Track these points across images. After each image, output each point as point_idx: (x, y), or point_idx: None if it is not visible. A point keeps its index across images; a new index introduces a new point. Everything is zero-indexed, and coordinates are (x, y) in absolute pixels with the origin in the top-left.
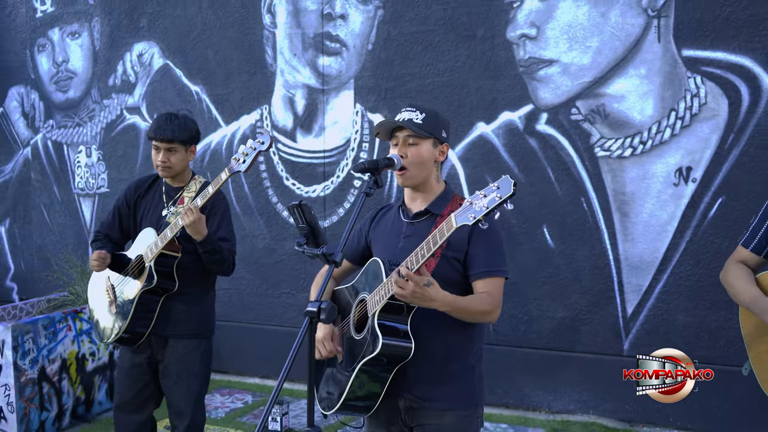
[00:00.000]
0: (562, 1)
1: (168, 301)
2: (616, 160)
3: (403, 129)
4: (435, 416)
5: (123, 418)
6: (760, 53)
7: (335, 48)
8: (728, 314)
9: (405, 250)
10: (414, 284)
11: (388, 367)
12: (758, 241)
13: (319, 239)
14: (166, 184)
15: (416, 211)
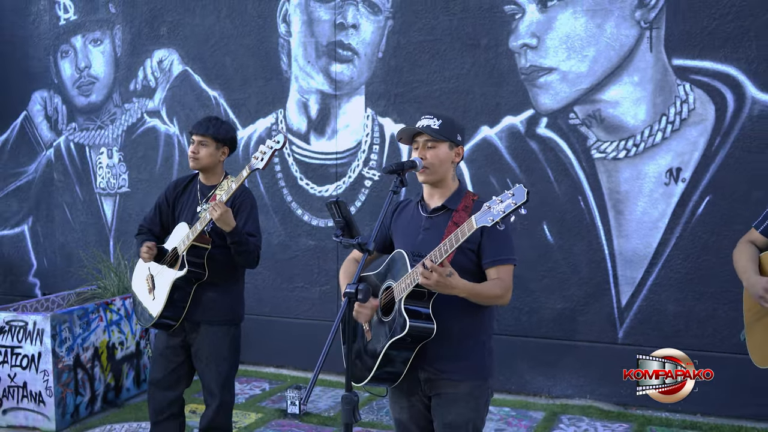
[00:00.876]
0: (560, 13)
1: (200, 289)
2: (611, 161)
3: (422, 134)
4: (451, 386)
5: (157, 393)
6: (744, 63)
7: (347, 56)
8: (715, 304)
9: (424, 241)
10: (438, 275)
11: (412, 345)
12: (765, 225)
13: (353, 231)
14: (200, 183)
15: (434, 207)
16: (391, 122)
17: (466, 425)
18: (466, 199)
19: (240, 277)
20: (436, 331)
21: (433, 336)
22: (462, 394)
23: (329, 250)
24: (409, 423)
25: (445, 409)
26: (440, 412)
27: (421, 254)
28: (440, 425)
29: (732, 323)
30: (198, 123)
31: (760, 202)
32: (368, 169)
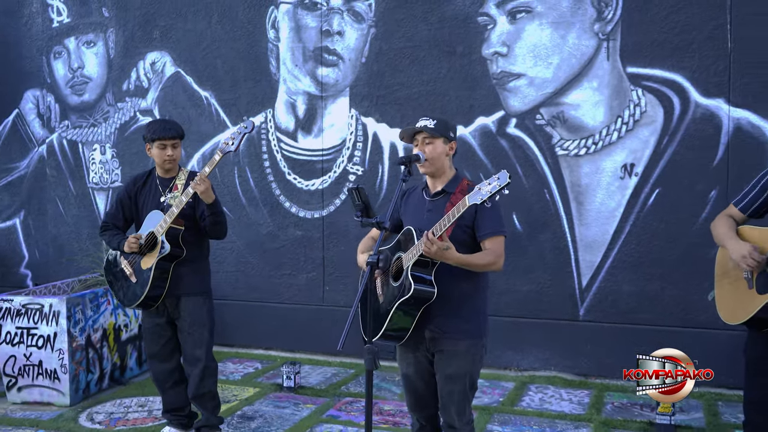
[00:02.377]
0: (528, 24)
1: (176, 267)
2: (573, 157)
3: (421, 132)
4: (452, 344)
5: (156, 365)
6: (688, 71)
7: (333, 60)
8: (663, 284)
9: (429, 220)
10: (437, 247)
11: (417, 306)
12: (746, 203)
13: (371, 212)
14: (158, 177)
15: (435, 191)
16: (374, 122)
17: (464, 377)
18: (462, 184)
19: (207, 254)
20: (438, 296)
21: (434, 299)
22: (461, 351)
23: (315, 239)
24: (415, 376)
25: (447, 363)
26: (442, 365)
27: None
28: (442, 377)
29: (678, 300)
30: (164, 128)
31: (702, 193)
32: (352, 165)
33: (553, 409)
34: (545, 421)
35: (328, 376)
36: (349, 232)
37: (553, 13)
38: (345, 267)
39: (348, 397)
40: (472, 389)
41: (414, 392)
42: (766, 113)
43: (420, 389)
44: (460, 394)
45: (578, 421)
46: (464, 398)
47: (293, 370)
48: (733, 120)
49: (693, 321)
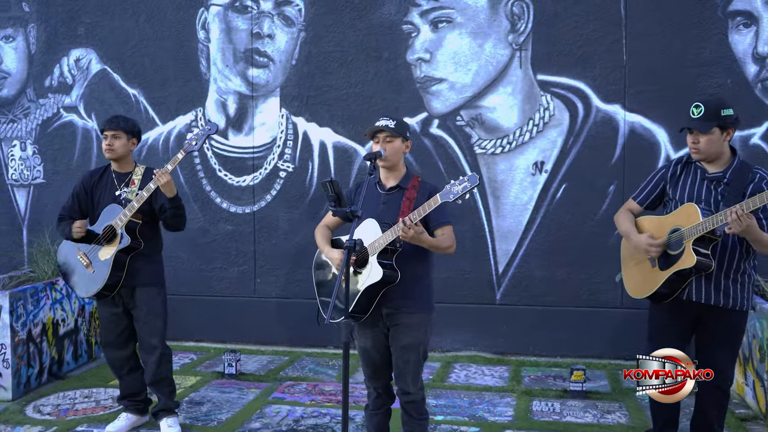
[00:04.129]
0: (449, 33)
1: (133, 259)
2: (490, 156)
3: (383, 131)
4: (407, 317)
5: (111, 353)
6: (590, 79)
7: (263, 62)
8: (569, 270)
9: (384, 212)
10: (414, 231)
11: (380, 288)
12: (642, 197)
13: (343, 203)
14: (114, 171)
15: (390, 186)
16: (304, 121)
17: (418, 347)
18: (413, 180)
19: (161, 247)
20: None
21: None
22: (414, 323)
23: (246, 234)
24: (372, 349)
25: (402, 335)
26: (398, 337)
27: (386, 222)
28: (398, 347)
29: (583, 283)
30: (109, 120)
31: (602, 188)
32: (283, 162)
33: (478, 383)
34: (473, 393)
35: (264, 363)
36: (280, 226)
37: (472, 24)
38: (276, 260)
39: (289, 381)
40: (424, 358)
41: (372, 364)
42: (655, 118)
43: (377, 361)
44: (415, 363)
45: (503, 392)
46: (418, 366)
47: (234, 358)
48: (628, 124)
49: (596, 301)
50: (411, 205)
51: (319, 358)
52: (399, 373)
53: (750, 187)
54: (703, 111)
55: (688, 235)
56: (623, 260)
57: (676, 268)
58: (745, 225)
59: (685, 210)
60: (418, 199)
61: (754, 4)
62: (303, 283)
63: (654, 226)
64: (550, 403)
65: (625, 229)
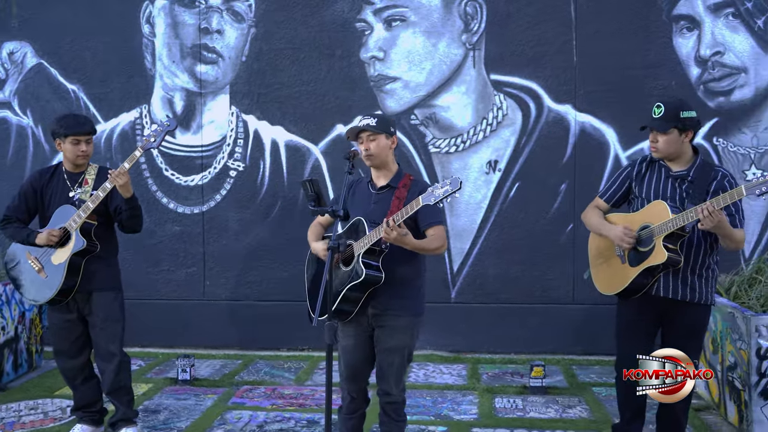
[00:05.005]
0: (403, 31)
1: (88, 263)
2: (444, 155)
3: (365, 131)
4: (394, 319)
5: (66, 362)
6: (542, 80)
7: (212, 58)
8: (523, 267)
9: (375, 211)
10: (396, 233)
11: (365, 289)
12: (609, 194)
13: (322, 202)
14: (67, 171)
15: (380, 185)
16: (255, 119)
17: (403, 349)
18: (404, 179)
19: (117, 249)
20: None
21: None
22: (401, 326)
23: (195, 235)
24: (354, 348)
25: (388, 337)
26: (384, 339)
27: (375, 221)
28: (383, 349)
29: (536, 280)
30: (77, 123)
31: (554, 186)
32: (233, 161)
33: (438, 382)
34: (435, 392)
35: (217, 368)
36: (230, 227)
37: (426, 23)
38: (226, 261)
39: (246, 385)
40: (409, 361)
41: (352, 365)
42: (605, 118)
43: (358, 361)
44: (399, 365)
45: (464, 390)
46: (402, 369)
47: (188, 363)
48: (578, 123)
49: (548, 298)
50: (401, 205)
51: (273, 360)
52: (382, 374)
53: (713, 185)
54: (664, 111)
55: (658, 232)
56: (591, 257)
57: (647, 264)
58: (716, 221)
59: (654, 207)
60: (408, 198)
61: (697, 9)
62: (255, 285)
63: (622, 223)
64: (512, 400)
65: (596, 223)
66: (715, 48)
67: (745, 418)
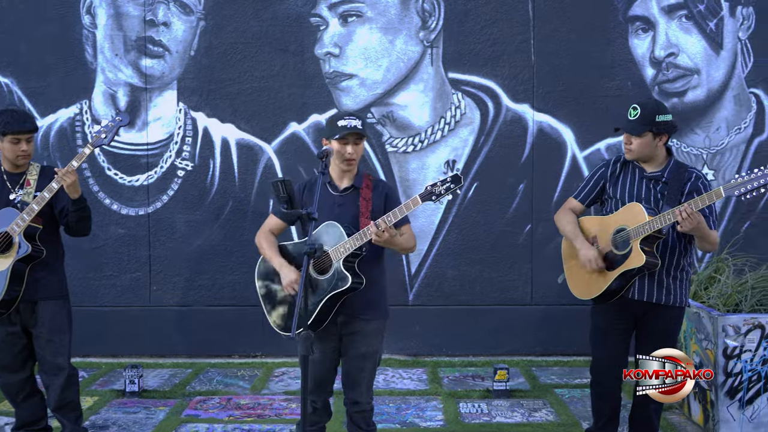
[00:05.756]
0: (359, 27)
1: (32, 270)
2: (401, 154)
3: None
4: (363, 324)
5: (7, 377)
6: (500, 78)
7: (158, 51)
8: (481, 268)
9: (340, 215)
10: (389, 234)
11: (342, 296)
12: (583, 195)
13: (295, 204)
14: (6, 172)
15: (344, 187)
16: (204, 116)
17: (374, 354)
18: (366, 180)
19: (63, 255)
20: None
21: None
22: (371, 331)
23: (140, 237)
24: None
25: (359, 343)
26: (354, 345)
27: (349, 226)
28: (354, 356)
29: (494, 281)
30: (20, 122)
31: (512, 186)
32: (181, 160)
33: (400, 387)
34: (398, 398)
35: (166, 378)
36: (178, 229)
37: (382, 19)
38: (174, 265)
39: (198, 396)
40: (378, 366)
41: (319, 376)
42: (562, 118)
43: (324, 373)
44: (370, 371)
45: (427, 395)
46: (372, 375)
47: (137, 374)
48: (536, 123)
49: (507, 299)
50: (369, 206)
51: (225, 368)
52: (352, 382)
53: (688, 186)
54: (639, 114)
55: (635, 235)
56: (565, 261)
57: (625, 268)
58: (695, 222)
59: (630, 209)
60: (374, 199)
61: (651, 11)
62: (204, 290)
63: (597, 226)
64: (477, 404)
65: (569, 232)
66: (669, 49)
67: (711, 418)
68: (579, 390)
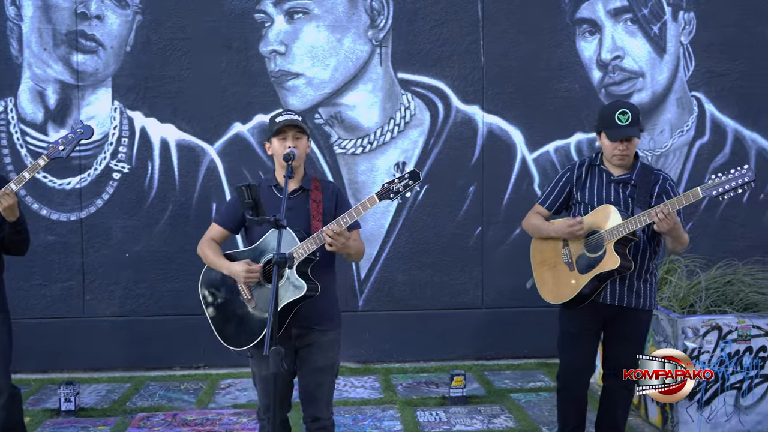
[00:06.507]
0: (306, 25)
1: None
2: (350, 156)
3: (293, 127)
4: (321, 335)
5: None
6: (450, 79)
7: (91, 46)
8: (432, 272)
9: (291, 219)
10: (344, 239)
11: (296, 305)
12: (550, 201)
13: (260, 210)
14: None
15: (292, 189)
16: (142, 116)
17: (332, 367)
18: (314, 181)
19: (3, 268)
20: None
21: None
22: (328, 342)
23: (72, 244)
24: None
25: (316, 356)
26: (311, 359)
27: (301, 230)
28: (311, 370)
29: (445, 285)
30: None
31: (463, 188)
32: (117, 162)
33: (353, 396)
34: (353, 408)
35: (104, 394)
36: (114, 235)
37: (330, 17)
38: (109, 273)
39: (141, 412)
40: (336, 377)
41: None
42: (511, 119)
43: (283, 387)
44: (329, 384)
45: (382, 404)
46: (331, 388)
47: (72, 391)
48: (486, 125)
49: (458, 302)
50: (320, 208)
51: (167, 381)
52: (310, 397)
53: (656, 188)
54: (631, 116)
55: (609, 237)
56: (534, 265)
57: (599, 271)
58: (672, 223)
59: (603, 212)
60: (324, 200)
61: (598, 14)
62: (143, 299)
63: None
64: (434, 412)
65: (539, 226)
66: (615, 52)
67: (669, 419)
68: (534, 394)
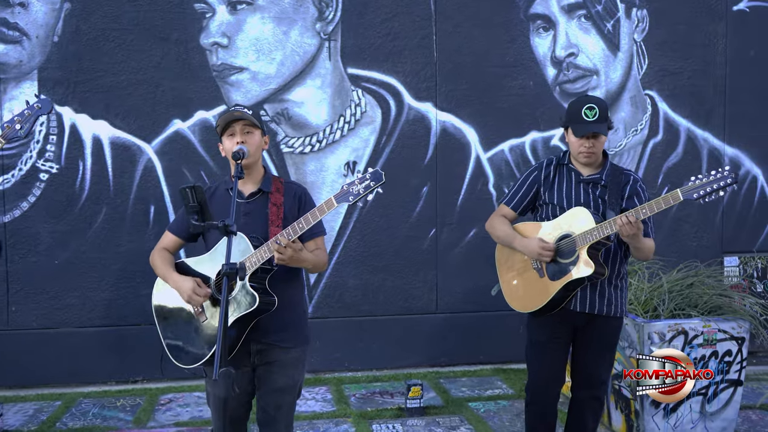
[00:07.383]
0: (250, 16)
1: None
2: (298, 155)
3: (239, 121)
4: (283, 353)
5: None
6: (402, 75)
7: (13, 36)
8: (384, 275)
9: (248, 225)
10: (293, 251)
11: (251, 319)
12: (516, 201)
13: (207, 215)
14: None
15: (250, 192)
16: (72, 112)
17: (295, 387)
18: (276, 183)
19: None
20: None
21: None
22: (291, 360)
23: None
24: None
25: (276, 375)
26: (271, 378)
27: (252, 236)
28: (271, 390)
29: (398, 289)
30: None
31: (416, 188)
32: (44, 162)
33: (304, 410)
34: (304, 423)
35: (31, 413)
36: (42, 240)
37: (275, 8)
38: (37, 282)
39: None
40: (298, 398)
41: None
42: (465, 117)
43: (236, 411)
44: (289, 406)
45: (336, 417)
46: (292, 410)
47: None
48: (440, 123)
49: (411, 308)
50: (280, 213)
51: (101, 398)
52: (269, 420)
53: (627, 190)
54: (598, 112)
55: (582, 242)
56: (501, 271)
57: (572, 277)
58: (636, 229)
59: (575, 215)
60: (286, 204)
61: (552, 9)
62: (74, 309)
63: (535, 233)
64: (391, 425)
65: (505, 234)
66: (569, 49)
67: (635, 427)
68: (493, 402)
